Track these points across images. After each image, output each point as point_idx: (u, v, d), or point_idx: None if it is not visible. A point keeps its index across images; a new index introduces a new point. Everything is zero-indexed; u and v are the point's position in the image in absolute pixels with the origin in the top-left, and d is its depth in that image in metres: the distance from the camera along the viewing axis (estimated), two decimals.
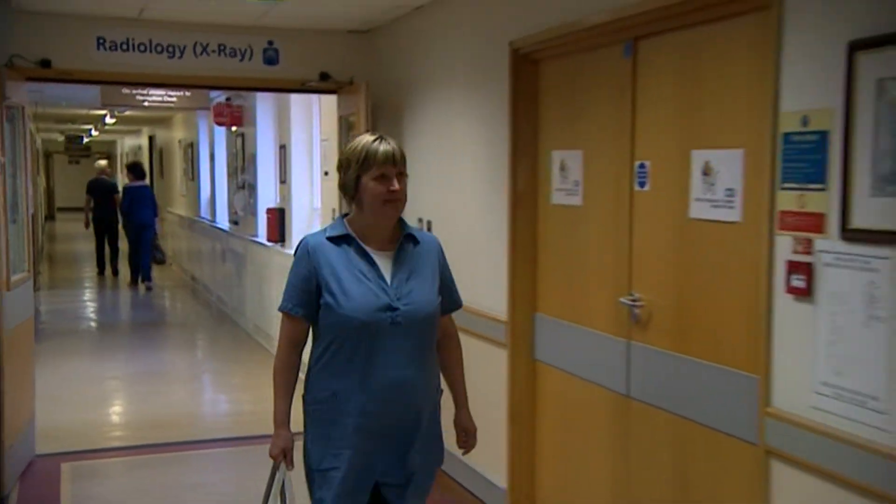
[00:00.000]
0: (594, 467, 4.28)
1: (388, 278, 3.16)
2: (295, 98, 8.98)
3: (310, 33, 6.67)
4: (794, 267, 2.97)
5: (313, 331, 3.26)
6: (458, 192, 5.44)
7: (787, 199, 3.00)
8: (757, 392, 3.14)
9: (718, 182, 3.43)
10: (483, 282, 5.06)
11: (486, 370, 5.00)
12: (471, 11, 5.26)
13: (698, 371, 3.54)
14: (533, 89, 4.72)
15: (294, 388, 3.27)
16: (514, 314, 4.79)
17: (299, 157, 9.39)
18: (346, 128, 6.58)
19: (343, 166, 3.17)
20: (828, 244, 2.84)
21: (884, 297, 2.65)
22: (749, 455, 3.20)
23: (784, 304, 3.03)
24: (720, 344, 3.43)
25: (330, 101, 7.10)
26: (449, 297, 3.43)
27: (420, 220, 6.01)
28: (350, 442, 3.13)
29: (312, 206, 9.26)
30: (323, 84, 6.71)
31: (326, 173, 7.71)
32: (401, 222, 3.28)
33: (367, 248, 3.17)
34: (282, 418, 3.22)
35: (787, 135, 2.99)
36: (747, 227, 3.26)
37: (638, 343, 3.93)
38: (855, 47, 2.68)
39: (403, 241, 3.25)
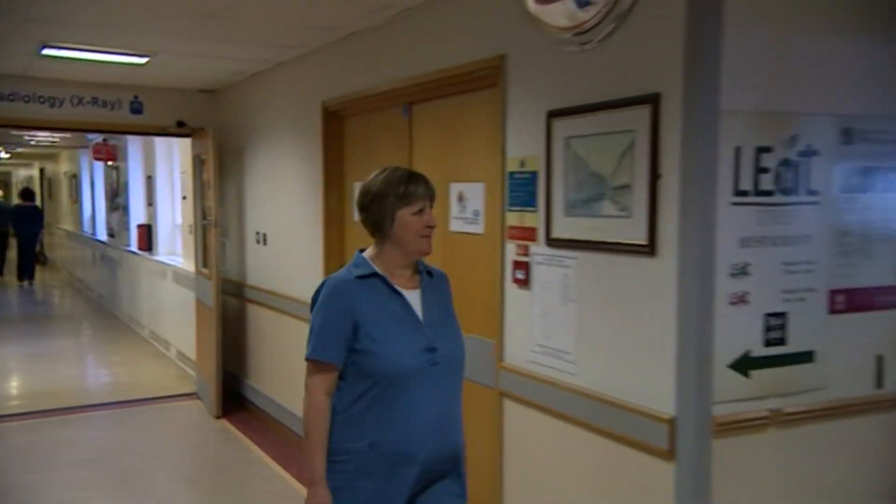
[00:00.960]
0: None
1: (420, 317, 2.31)
2: (159, 139, 8.65)
3: (168, 91, 6.45)
4: (517, 265, 3.12)
5: (342, 375, 2.29)
6: (286, 212, 5.41)
7: (513, 218, 3.14)
8: (494, 352, 3.29)
9: (469, 206, 3.56)
10: (304, 276, 5.05)
11: (301, 343, 5.03)
12: (293, 78, 5.25)
13: None
14: (339, 136, 4.75)
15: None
16: None
17: (163, 185, 9.06)
18: (199, 163, 6.42)
19: (376, 199, 2.27)
20: (538, 249, 3.00)
21: (573, 285, 2.84)
22: (489, 396, 3.34)
23: (511, 290, 3.19)
24: (472, 319, 3.47)
25: (186, 142, 6.89)
26: None
27: (258, 233, 5.97)
28: (391, 493, 2.28)
29: (174, 223, 8.97)
30: (180, 130, 6.49)
31: (185, 198, 7.49)
32: None
33: (397, 287, 2.32)
34: (320, 475, 2.26)
35: (511, 173, 3.13)
36: (487, 237, 3.40)
37: None
38: (551, 115, 2.87)
39: (423, 276, 2.42)
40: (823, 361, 2.60)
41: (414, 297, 2.34)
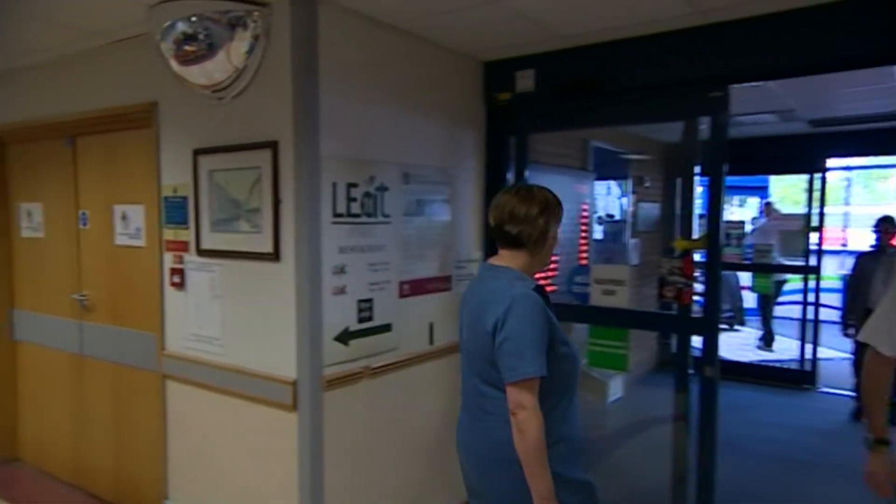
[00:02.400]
0: (62, 404, 3.76)
1: None
2: None
3: None
4: (174, 271, 2.94)
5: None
6: None
7: (169, 233, 2.96)
8: (157, 343, 3.07)
9: (131, 224, 3.23)
10: None
11: None
12: None
13: (125, 335, 3.32)
14: (2, 162, 3.95)
15: None
16: None
17: None
18: None
19: (542, 215, 1.85)
20: (191, 258, 2.86)
21: (219, 285, 2.75)
22: (154, 379, 3.11)
23: (170, 292, 2.99)
24: (137, 317, 3.26)
25: None
26: None
27: None
28: (586, 478, 1.90)
29: None
30: None
31: None
32: None
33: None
34: (552, 491, 1.73)
35: (166, 197, 2.95)
36: (148, 249, 3.13)
37: (87, 322, 3.54)
38: (197, 152, 2.75)
39: None
40: (397, 330, 2.86)
41: None
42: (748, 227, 6.86)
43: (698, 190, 3.03)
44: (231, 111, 2.61)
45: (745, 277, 7.32)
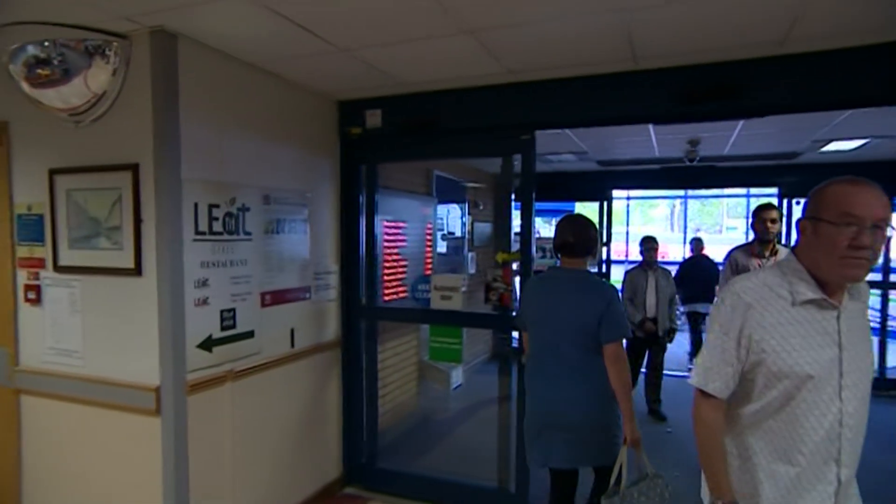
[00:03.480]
0: None
1: None
2: None
3: None
4: (28, 287, 2.58)
5: None
6: None
7: (23, 251, 2.58)
8: (8, 358, 2.65)
9: None
10: None
11: None
12: None
13: None
14: None
15: None
16: None
17: None
18: None
19: (598, 235, 2.43)
20: (48, 274, 2.53)
21: (79, 300, 2.47)
22: (6, 394, 2.67)
23: (24, 308, 2.61)
24: None
25: None
26: None
27: None
28: None
29: None
30: None
31: None
32: None
33: None
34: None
35: (19, 215, 2.57)
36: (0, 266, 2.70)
37: None
38: (53, 172, 2.45)
39: None
40: (259, 336, 2.74)
41: None
42: None
43: (516, 213, 3.24)
44: (90, 134, 2.35)
45: None
